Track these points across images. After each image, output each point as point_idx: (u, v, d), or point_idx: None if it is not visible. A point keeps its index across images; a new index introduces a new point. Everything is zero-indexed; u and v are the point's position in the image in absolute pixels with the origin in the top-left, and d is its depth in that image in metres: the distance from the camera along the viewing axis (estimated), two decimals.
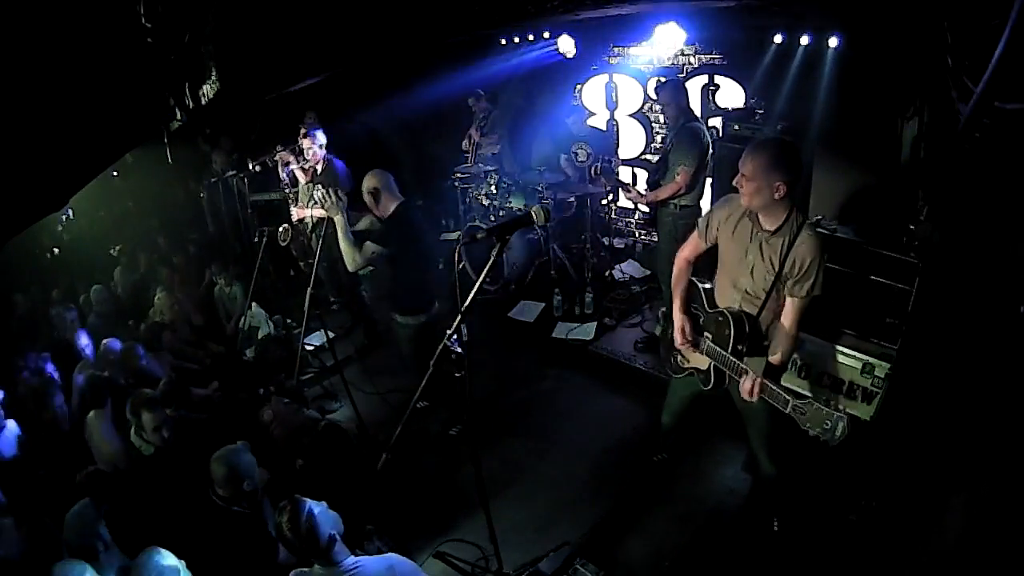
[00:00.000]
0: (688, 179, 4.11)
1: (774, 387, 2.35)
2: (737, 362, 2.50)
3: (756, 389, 2.39)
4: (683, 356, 2.88)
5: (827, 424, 2.17)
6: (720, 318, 2.61)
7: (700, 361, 2.75)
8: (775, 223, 2.43)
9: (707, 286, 2.78)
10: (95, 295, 5.11)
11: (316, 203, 4.72)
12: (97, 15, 2.19)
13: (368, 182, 3.41)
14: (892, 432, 3.35)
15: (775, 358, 2.50)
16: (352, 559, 2.16)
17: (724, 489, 3.46)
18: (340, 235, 3.32)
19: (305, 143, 4.76)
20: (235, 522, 2.63)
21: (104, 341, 4.12)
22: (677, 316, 2.78)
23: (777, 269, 2.43)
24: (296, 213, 4.90)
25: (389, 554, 2.29)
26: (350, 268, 3.40)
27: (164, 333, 4.69)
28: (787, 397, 2.29)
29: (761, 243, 2.48)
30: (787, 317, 2.49)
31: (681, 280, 2.83)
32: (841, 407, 2.19)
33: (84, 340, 4.33)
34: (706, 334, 2.69)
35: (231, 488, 2.62)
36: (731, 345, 2.53)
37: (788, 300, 2.48)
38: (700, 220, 2.78)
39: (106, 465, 3.23)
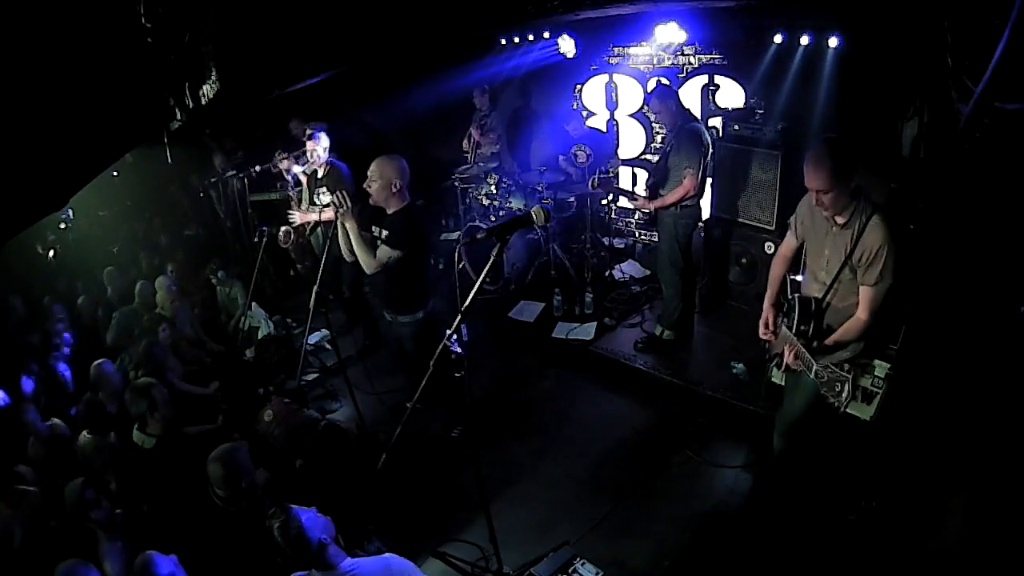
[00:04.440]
0: (696, 181, 4.08)
1: (806, 352, 2.52)
2: (792, 336, 2.64)
3: (791, 355, 2.57)
4: (771, 346, 3.00)
5: (836, 387, 2.36)
6: (792, 303, 2.77)
7: (780, 347, 2.88)
8: (844, 217, 2.53)
9: (796, 277, 2.93)
10: (142, 290, 5.05)
11: (321, 206, 4.75)
12: (97, 15, 2.19)
13: (392, 174, 3.31)
14: (892, 432, 3.35)
15: (831, 337, 2.63)
16: (349, 561, 2.16)
17: (724, 489, 3.46)
18: (354, 240, 3.30)
19: (309, 145, 4.76)
20: (235, 521, 2.63)
21: (96, 363, 3.98)
22: (765, 308, 2.91)
23: (845, 259, 2.54)
24: (300, 218, 4.89)
25: (387, 554, 2.29)
26: (367, 271, 3.39)
27: (165, 328, 4.67)
28: (813, 362, 2.45)
29: (834, 237, 2.59)
30: (861, 306, 2.57)
31: (774, 273, 2.94)
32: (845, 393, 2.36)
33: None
34: (783, 320, 2.83)
35: (229, 487, 2.62)
36: (795, 326, 2.68)
37: (861, 289, 2.56)
38: (791, 218, 2.89)
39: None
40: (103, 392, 3.86)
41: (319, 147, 4.71)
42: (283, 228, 4.94)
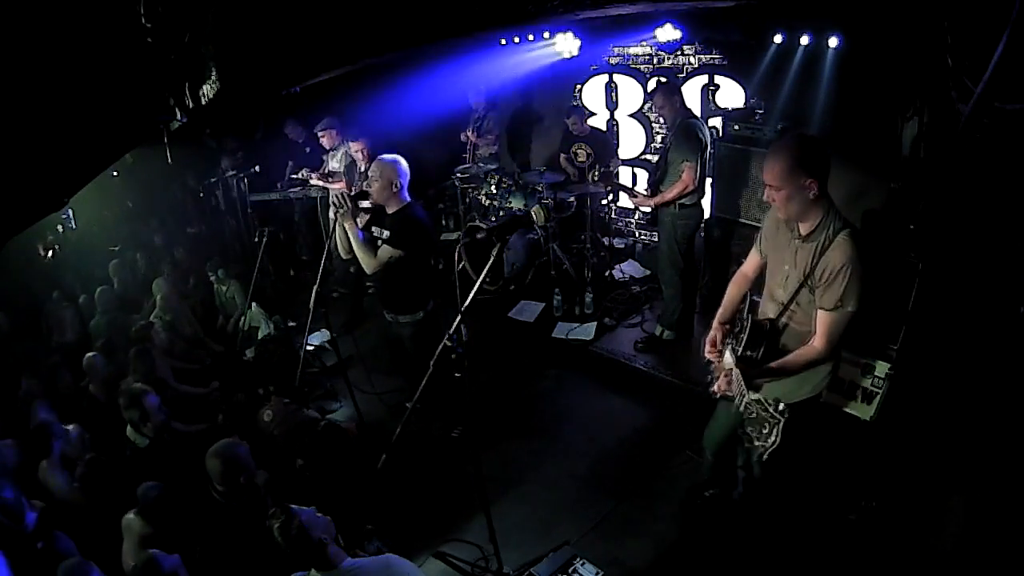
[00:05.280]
0: (694, 174, 4.10)
1: (741, 380, 2.27)
2: (732, 362, 2.37)
3: (724, 380, 2.34)
4: (715, 368, 2.74)
5: (764, 428, 2.10)
6: (743, 323, 2.50)
7: (720, 372, 2.65)
8: (809, 227, 2.26)
9: (757, 298, 2.67)
10: (100, 296, 5.11)
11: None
12: (97, 15, 2.19)
13: (392, 174, 3.32)
14: (892, 432, 3.35)
15: (774, 363, 2.31)
16: (350, 561, 2.16)
17: None
18: (353, 241, 3.31)
19: (354, 146, 4.90)
20: (235, 519, 2.63)
21: (88, 355, 4.04)
22: (715, 325, 2.65)
23: (804, 276, 2.26)
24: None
25: (387, 554, 2.29)
26: (368, 271, 3.40)
27: (162, 334, 4.68)
28: (744, 392, 2.21)
29: (796, 250, 2.32)
30: (818, 332, 2.26)
31: (731, 292, 2.68)
32: (776, 420, 2.14)
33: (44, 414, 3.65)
34: (731, 342, 2.57)
35: (227, 483, 2.62)
36: (742, 350, 2.40)
37: (818, 314, 2.26)
38: (757, 234, 2.65)
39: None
40: (92, 383, 3.89)
41: (355, 147, 4.79)
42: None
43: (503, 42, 6.36)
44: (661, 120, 5.89)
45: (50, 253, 6.88)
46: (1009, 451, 2.80)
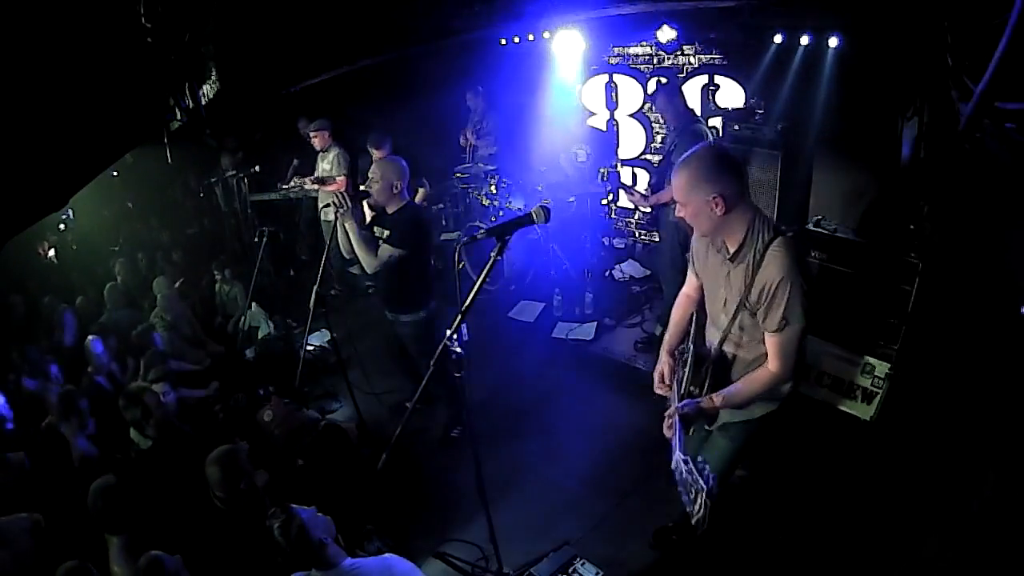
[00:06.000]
0: None
1: (680, 431, 2.09)
2: (674, 399, 2.22)
3: (666, 423, 2.18)
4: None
5: (691, 494, 1.91)
6: (685, 355, 2.35)
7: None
8: (735, 243, 2.08)
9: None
10: (109, 293, 5.13)
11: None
12: (97, 15, 2.19)
13: (393, 175, 3.34)
14: (892, 432, 3.35)
15: (716, 395, 2.16)
16: (350, 561, 2.16)
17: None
18: (354, 240, 3.32)
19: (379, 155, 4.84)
20: (235, 522, 2.63)
21: (88, 338, 4.11)
22: (662, 356, 2.45)
23: (740, 298, 2.09)
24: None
25: (387, 555, 2.29)
26: (368, 271, 3.41)
27: (163, 334, 4.68)
28: (678, 449, 2.02)
29: (729, 272, 2.14)
30: (771, 356, 2.10)
31: (676, 315, 2.52)
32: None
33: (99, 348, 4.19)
34: (679, 371, 2.42)
35: (227, 489, 2.61)
36: (684, 385, 2.27)
37: (766, 337, 2.09)
38: (689, 253, 2.47)
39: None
40: (91, 366, 3.93)
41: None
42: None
43: (503, 42, 6.37)
44: (662, 120, 5.90)
45: (51, 252, 6.89)
46: (1009, 451, 2.80)
